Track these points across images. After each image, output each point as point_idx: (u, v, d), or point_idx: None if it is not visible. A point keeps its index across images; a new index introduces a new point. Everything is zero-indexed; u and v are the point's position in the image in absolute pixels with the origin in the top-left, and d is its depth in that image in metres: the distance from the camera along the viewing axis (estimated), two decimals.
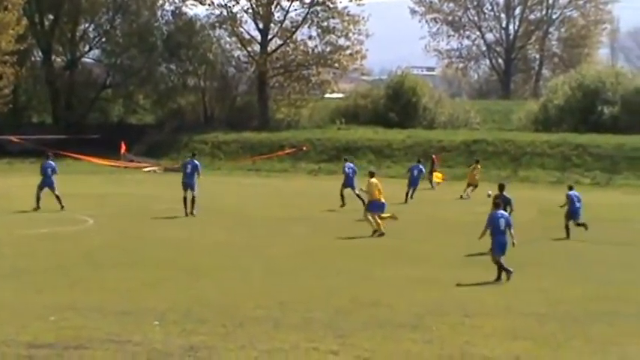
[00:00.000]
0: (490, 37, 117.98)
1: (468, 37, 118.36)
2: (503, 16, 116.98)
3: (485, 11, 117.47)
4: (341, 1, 78.64)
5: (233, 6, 78.70)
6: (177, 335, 15.82)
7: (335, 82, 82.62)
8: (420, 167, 46.24)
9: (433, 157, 54.50)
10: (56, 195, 36.52)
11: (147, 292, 20.14)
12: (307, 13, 78.82)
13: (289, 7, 79.00)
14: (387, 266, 24.74)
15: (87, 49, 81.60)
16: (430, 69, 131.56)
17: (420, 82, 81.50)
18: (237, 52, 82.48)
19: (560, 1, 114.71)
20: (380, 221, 31.39)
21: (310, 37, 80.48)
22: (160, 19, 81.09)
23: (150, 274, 22.49)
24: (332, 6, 78.37)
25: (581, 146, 62.67)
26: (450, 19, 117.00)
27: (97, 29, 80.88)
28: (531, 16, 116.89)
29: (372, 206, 31.55)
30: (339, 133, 72.48)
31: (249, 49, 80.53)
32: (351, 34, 79.06)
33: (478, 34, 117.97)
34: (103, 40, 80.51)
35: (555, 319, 18.17)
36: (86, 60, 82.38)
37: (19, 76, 69.82)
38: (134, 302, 18.79)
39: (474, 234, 24.68)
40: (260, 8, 78.25)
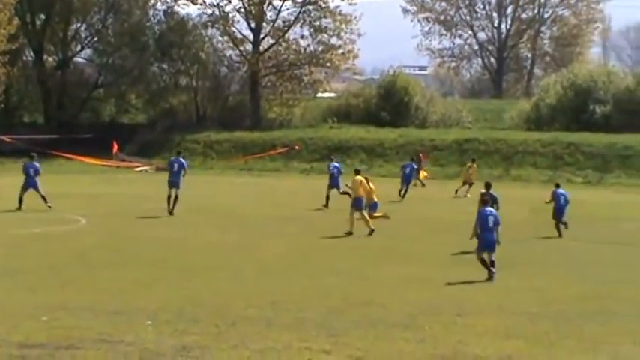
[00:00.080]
0: (482, 36, 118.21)
1: (460, 36, 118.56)
2: (495, 15, 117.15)
3: (477, 10, 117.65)
4: (333, 1, 78.92)
5: (225, 5, 78.83)
6: (170, 335, 15.79)
7: (327, 81, 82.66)
8: (412, 165, 46.42)
9: (420, 155, 54.43)
10: (42, 195, 36.33)
11: (139, 291, 20.11)
12: (299, 13, 78.85)
13: (281, 6, 79.19)
14: (380, 265, 24.75)
15: (79, 48, 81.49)
16: (422, 68, 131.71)
17: (412, 81, 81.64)
18: (229, 52, 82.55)
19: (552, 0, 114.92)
20: (369, 219, 31.56)
21: (302, 37, 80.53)
22: (152, 19, 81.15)
23: (142, 273, 22.45)
24: (324, 5, 78.40)
25: (573, 145, 62.79)
26: (442, 18, 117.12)
27: (88, 29, 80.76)
28: (523, 15, 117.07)
29: (354, 203, 31.54)
30: (331, 133, 72.51)
31: (242, 49, 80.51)
32: (343, 34, 79.12)
33: (470, 33, 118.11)
34: (95, 39, 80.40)
35: (548, 318, 18.18)
36: (78, 60, 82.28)
37: (11, 75, 69.68)
38: (126, 302, 18.76)
39: (466, 233, 24.74)
40: (252, 7, 78.24)
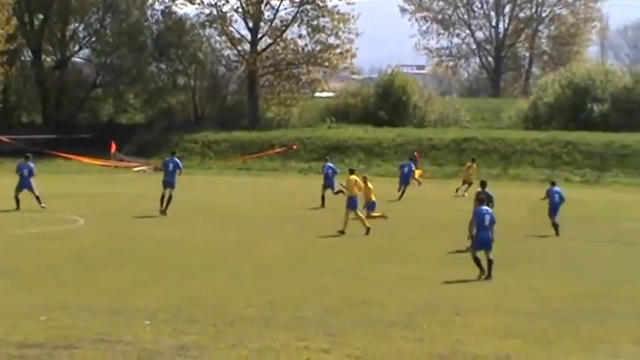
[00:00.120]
0: (480, 35, 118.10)
1: (458, 36, 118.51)
2: (493, 14, 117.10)
3: (475, 9, 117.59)
4: (331, 0, 78.82)
5: (223, 5, 78.87)
6: (168, 335, 15.80)
7: (325, 80, 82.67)
8: (410, 165, 46.38)
9: (415, 154, 54.34)
10: (36, 196, 36.30)
11: (137, 291, 20.11)
12: (297, 12, 78.83)
13: (279, 5, 79.17)
14: (378, 265, 24.76)
15: (77, 48, 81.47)
16: (420, 67, 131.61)
17: (410, 80, 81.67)
18: (227, 51, 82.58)
19: None
20: (365, 218, 31.60)
21: (300, 36, 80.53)
22: (150, 19, 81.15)
23: (140, 273, 22.46)
24: (322, 5, 78.42)
25: (571, 144, 62.82)
26: (440, 17, 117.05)
27: (86, 29, 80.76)
28: (521, 14, 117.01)
29: (349, 202, 31.54)
30: (330, 132, 72.51)
31: (239, 48, 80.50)
32: (341, 33, 79.11)
33: (468, 32, 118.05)
34: (93, 39, 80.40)
35: (546, 317, 18.19)
36: (76, 59, 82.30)
37: (9, 75, 69.70)
38: (125, 302, 18.76)
39: (464, 232, 24.75)
40: (250, 7, 78.24)
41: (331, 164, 42.32)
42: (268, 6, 78.97)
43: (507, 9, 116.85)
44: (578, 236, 31.68)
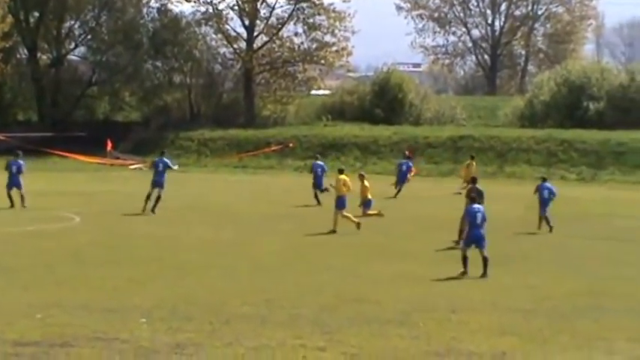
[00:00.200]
0: (476, 33, 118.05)
1: (454, 34, 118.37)
2: (489, 12, 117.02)
3: (471, 7, 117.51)
4: None
5: (219, 3, 78.62)
6: (164, 333, 15.80)
7: (321, 78, 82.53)
8: (408, 163, 46.32)
9: (407, 152, 54.14)
10: (21, 194, 36.33)
11: (133, 289, 20.11)
12: (293, 10, 78.72)
13: (275, 3, 78.99)
14: (374, 263, 24.76)
15: (72, 46, 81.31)
16: (416, 65, 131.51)
17: (406, 78, 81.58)
18: (223, 49, 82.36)
19: None
20: (354, 220, 31.45)
21: (296, 34, 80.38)
22: (146, 16, 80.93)
23: (136, 271, 22.46)
24: (318, 2, 78.26)
25: (567, 142, 62.80)
26: (436, 15, 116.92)
27: (82, 26, 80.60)
28: (517, 12, 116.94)
29: (337, 202, 31.50)
30: (326, 130, 72.44)
31: (235, 46, 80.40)
32: (337, 31, 78.94)
33: (464, 30, 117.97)
34: (89, 37, 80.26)
35: (542, 315, 18.21)
36: (72, 57, 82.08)
37: (5, 73, 69.60)
38: (120, 300, 18.76)
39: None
40: (246, 5, 78.09)
41: (321, 162, 42.25)
42: (264, 4, 78.84)
43: (503, 7, 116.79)
44: (573, 234, 31.71)
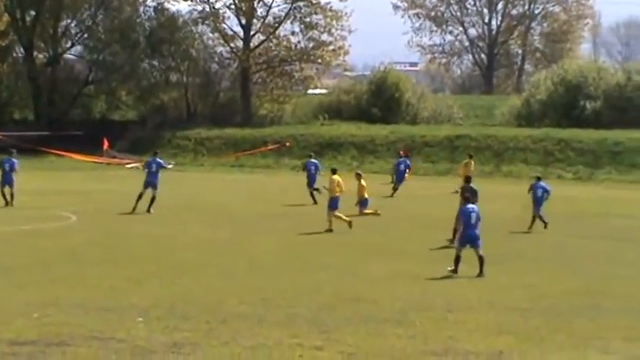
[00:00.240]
0: (473, 32, 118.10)
1: (451, 33, 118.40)
2: (486, 11, 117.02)
3: (468, 6, 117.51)
4: None
5: (215, 2, 78.63)
6: (161, 332, 15.79)
7: (318, 77, 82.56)
8: (406, 162, 46.35)
9: (401, 152, 54.07)
10: (12, 192, 36.33)
11: (130, 288, 20.10)
12: (290, 9, 78.69)
13: (272, 2, 78.91)
14: (371, 262, 24.75)
15: (69, 45, 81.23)
16: (413, 64, 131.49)
17: (402, 77, 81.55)
18: (219, 48, 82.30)
19: None
20: (345, 219, 31.36)
21: (293, 33, 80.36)
22: (142, 15, 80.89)
23: (133, 270, 22.44)
24: (315, 1, 78.22)
25: (564, 141, 62.80)
26: (433, 14, 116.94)
27: (79, 25, 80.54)
28: (514, 11, 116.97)
29: (330, 203, 31.47)
30: (323, 129, 72.41)
31: (232, 45, 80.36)
32: (333, 30, 78.94)
33: (461, 29, 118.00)
34: (85, 36, 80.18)
35: (538, 314, 18.22)
36: (68, 56, 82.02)
37: (1, 72, 69.55)
38: (117, 299, 18.75)
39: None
40: (242, 4, 78.07)
41: (314, 160, 42.27)
42: (261, 3, 78.80)
43: (500, 6, 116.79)
44: (570, 233, 31.72)
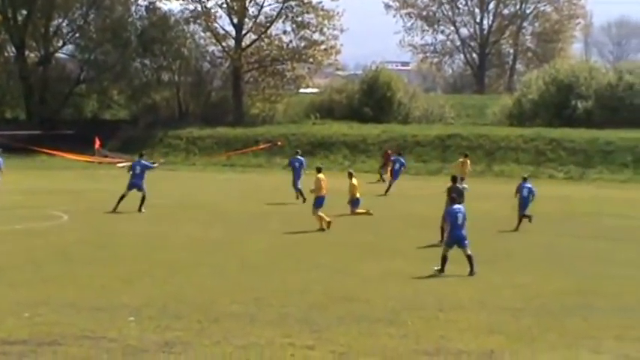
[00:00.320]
0: (464, 31, 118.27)
1: (443, 32, 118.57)
2: (477, 10, 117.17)
3: (460, 6, 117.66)
4: None
5: (207, 1, 78.65)
6: (153, 331, 15.78)
7: (310, 77, 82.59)
8: (401, 160, 46.45)
9: (388, 152, 54.10)
10: None
11: (122, 287, 20.07)
12: (281, 8, 78.71)
13: (263, 1, 78.93)
14: (363, 261, 24.76)
15: (60, 44, 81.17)
16: (405, 64, 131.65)
17: (394, 76, 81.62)
18: (211, 47, 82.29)
19: None
20: (326, 218, 31.31)
21: (285, 32, 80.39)
22: (134, 15, 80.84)
23: (125, 269, 22.42)
24: (306, 1, 78.24)
25: (555, 141, 62.90)
26: (425, 14, 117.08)
27: (70, 24, 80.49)
28: (505, 11, 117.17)
29: (316, 202, 31.46)
30: (314, 128, 72.42)
31: (224, 44, 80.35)
32: (325, 29, 78.97)
33: (452, 29, 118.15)
34: (77, 35, 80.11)
35: (530, 314, 18.24)
36: (60, 55, 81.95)
37: None
38: (109, 298, 18.73)
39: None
40: (234, 3, 78.04)
41: (300, 157, 42.35)
42: (253, 2, 78.78)
43: (491, 6, 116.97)
44: (562, 232, 31.76)
